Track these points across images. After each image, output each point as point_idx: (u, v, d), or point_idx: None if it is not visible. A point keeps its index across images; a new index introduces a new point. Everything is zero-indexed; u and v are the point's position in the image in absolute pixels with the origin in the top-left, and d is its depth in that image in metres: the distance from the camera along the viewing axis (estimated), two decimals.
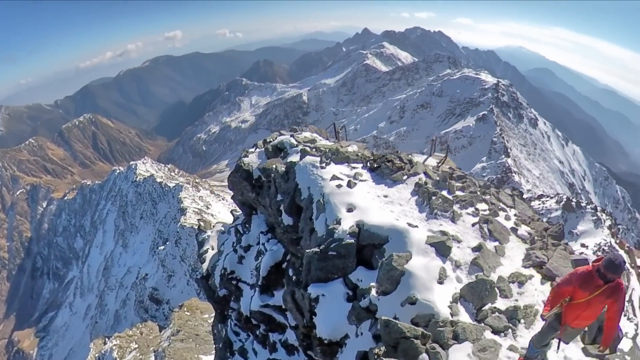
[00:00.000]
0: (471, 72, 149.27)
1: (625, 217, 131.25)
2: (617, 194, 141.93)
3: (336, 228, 8.46)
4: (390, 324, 6.12)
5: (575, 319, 5.40)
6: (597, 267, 5.00)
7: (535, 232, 9.09)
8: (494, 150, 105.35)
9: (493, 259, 7.63)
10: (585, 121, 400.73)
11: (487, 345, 5.82)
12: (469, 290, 6.77)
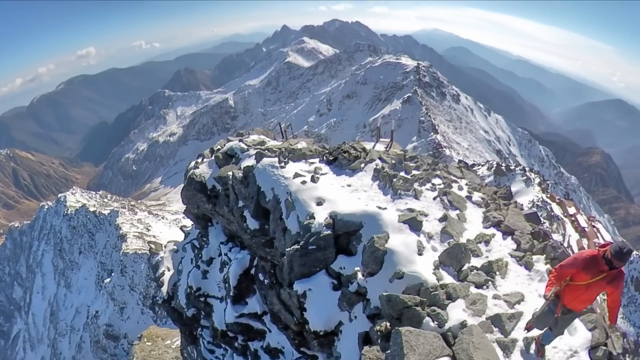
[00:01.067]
0: (392, 57, 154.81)
1: (551, 173, 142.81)
2: (541, 153, 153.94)
3: (311, 223, 8.78)
4: (392, 297, 6.61)
5: (573, 300, 5.51)
6: (603, 253, 5.08)
7: (487, 197, 10.02)
8: (422, 129, 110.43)
9: (458, 225, 8.38)
10: (503, 91, 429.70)
11: (475, 299, 6.53)
12: (447, 256, 7.44)
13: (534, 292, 6.99)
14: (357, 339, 7.36)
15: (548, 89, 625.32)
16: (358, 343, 7.34)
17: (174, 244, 19.77)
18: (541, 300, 6.71)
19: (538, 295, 6.93)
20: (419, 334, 5.73)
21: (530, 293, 6.94)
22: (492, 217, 8.78)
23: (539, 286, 7.10)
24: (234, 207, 12.28)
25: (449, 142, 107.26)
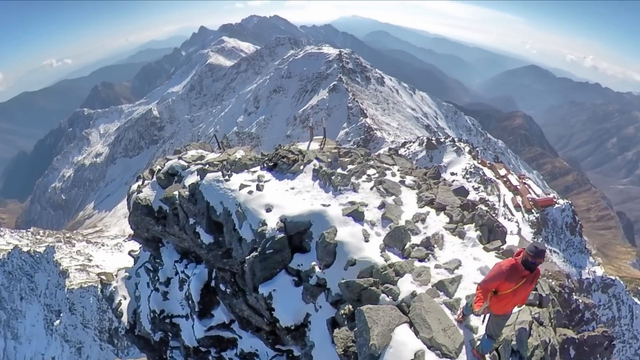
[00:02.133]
0: (313, 48, 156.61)
1: (479, 140, 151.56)
2: (467, 123, 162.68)
3: (264, 229, 9.43)
4: (350, 283, 7.51)
5: (503, 307, 5.87)
6: (522, 259, 5.46)
7: (418, 179, 11.11)
8: (351, 114, 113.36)
9: (396, 209, 9.36)
10: (425, 69, 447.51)
11: (420, 271, 7.54)
12: (390, 239, 8.39)
13: (469, 256, 8.09)
14: (326, 325, 8.14)
15: (467, 63, 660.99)
16: (327, 328, 8.11)
17: (125, 270, 19.11)
18: (476, 262, 7.80)
19: (473, 258, 8.02)
20: (378, 309, 6.64)
21: (466, 258, 8.03)
22: (425, 197, 9.86)
23: (473, 251, 8.22)
24: (185, 225, 12.52)
25: (379, 124, 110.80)
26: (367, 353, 6.24)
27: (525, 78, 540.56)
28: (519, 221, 71.31)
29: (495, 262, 5.87)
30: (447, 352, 6.05)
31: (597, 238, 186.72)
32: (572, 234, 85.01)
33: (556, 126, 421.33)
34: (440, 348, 6.07)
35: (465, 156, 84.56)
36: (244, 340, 11.77)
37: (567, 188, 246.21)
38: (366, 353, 6.29)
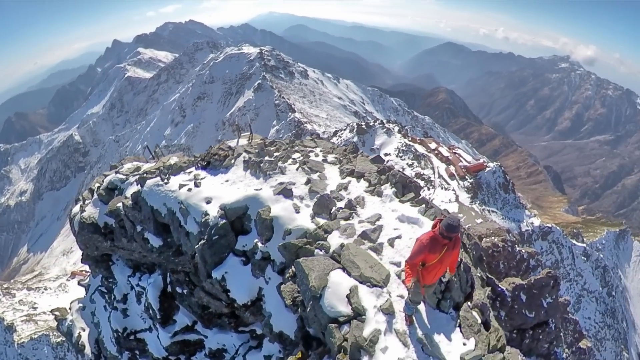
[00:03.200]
0: (233, 49, 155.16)
1: (407, 119, 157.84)
2: (393, 104, 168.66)
3: (208, 219, 10.49)
4: (286, 244, 8.86)
5: (433, 277, 6.38)
6: (438, 231, 5.88)
7: (339, 155, 12.55)
8: (280, 111, 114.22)
9: (321, 183, 10.73)
10: (347, 57, 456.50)
11: (346, 227, 8.94)
12: (318, 207, 9.75)
13: (387, 210, 9.56)
14: (277, 293, 9.26)
15: (386, 47, 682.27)
16: (279, 295, 9.18)
17: (79, 301, 18.87)
18: (394, 213, 9.25)
19: (391, 210, 9.49)
20: (313, 259, 8.01)
21: (385, 211, 9.49)
22: (346, 169, 11.32)
23: (391, 205, 9.73)
24: (133, 233, 13.15)
25: (308, 117, 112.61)
26: (310, 295, 7.52)
27: (443, 55, 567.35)
28: (455, 189, 75.83)
29: (418, 240, 6.21)
30: (376, 283, 7.35)
31: (529, 192, 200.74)
32: (506, 193, 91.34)
33: (477, 96, 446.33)
34: (370, 280, 7.38)
35: (396, 136, 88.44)
36: (210, 339, 12.38)
37: (495, 151, 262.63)
38: (309, 296, 7.56)
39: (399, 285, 7.43)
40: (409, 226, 8.75)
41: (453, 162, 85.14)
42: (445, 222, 5.81)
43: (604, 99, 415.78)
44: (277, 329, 9.30)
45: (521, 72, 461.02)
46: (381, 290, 7.25)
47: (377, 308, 6.92)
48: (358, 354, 6.48)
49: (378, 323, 6.71)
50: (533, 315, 19.31)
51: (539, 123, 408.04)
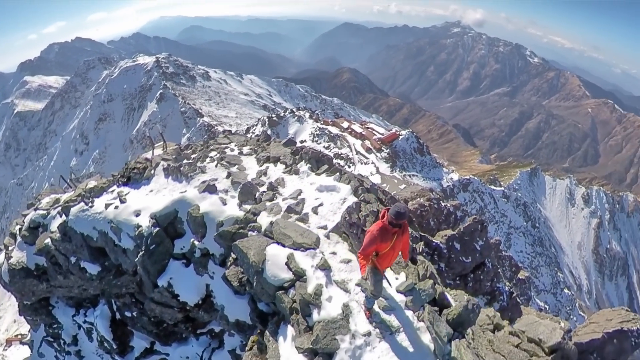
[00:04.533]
0: (128, 62, 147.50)
1: (316, 104, 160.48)
2: (300, 92, 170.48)
3: (141, 230, 10.80)
4: (220, 233, 9.51)
5: (388, 263, 6.67)
6: (387, 220, 6.11)
7: (254, 146, 13.30)
8: (187, 118, 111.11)
9: (241, 174, 11.48)
10: (246, 52, 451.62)
11: (272, 207, 9.82)
12: (242, 195, 10.49)
13: (306, 184, 10.58)
14: (224, 282, 9.78)
15: (284, 36, 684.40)
16: (225, 284, 9.71)
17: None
18: (313, 185, 10.21)
19: (310, 184, 10.51)
20: (248, 239, 8.78)
21: (304, 186, 10.51)
22: (262, 157, 12.13)
23: (308, 179, 10.77)
24: (68, 267, 12.99)
25: (217, 119, 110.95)
26: (253, 271, 8.30)
27: (341, 36, 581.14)
28: (374, 161, 79.17)
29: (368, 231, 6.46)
30: (309, 246, 8.29)
31: (444, 151, 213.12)
32: (422, 156, 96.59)
33: (380, 71, 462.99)
34: (303, 245, 8.31)
35: (308, 122, 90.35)
36: (172, 355, 12.66)
37: (405, 120, 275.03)
38: (252, 272, 8.34)
39: (329, 245, 8.50)
40: (328, 194, 9.84)
41: (367, 137, 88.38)
42: (392, 210, 6.05)
43: (497, 56, 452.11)
44: (233, 318, 9.79)
45: (418, 42, 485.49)
46: (314, 251, 8.23)
47: (315, 267, 7.86)
48: (308, 309, 7.33)
49: (318, 279, 7.65)
50: (470, 260, 21.19)
51: (441, 86, 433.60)
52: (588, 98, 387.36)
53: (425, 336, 6.79)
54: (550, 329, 11.86)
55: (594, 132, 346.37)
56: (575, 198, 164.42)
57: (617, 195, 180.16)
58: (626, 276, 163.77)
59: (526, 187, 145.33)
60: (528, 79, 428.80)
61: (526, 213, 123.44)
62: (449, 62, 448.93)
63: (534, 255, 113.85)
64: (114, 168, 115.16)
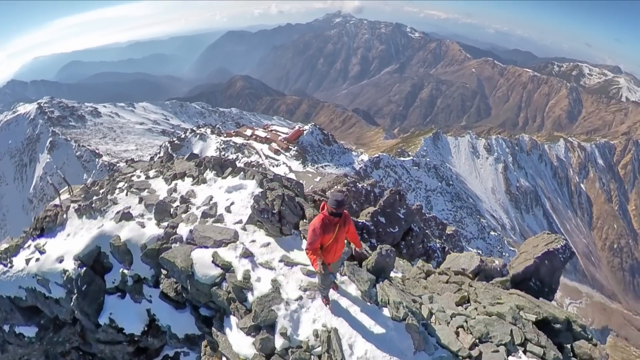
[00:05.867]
0: (7, 114, 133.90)
1: (216, 118, 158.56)
2: (197, 109, 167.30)
3: (69, 274, 10.93)
4: (146, 252, 10.07)
5: (334, 255, 6.88)
6: (328, 212, 6.32)
7: (159, 168, 13.82)
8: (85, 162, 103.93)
9: (152, 196, 12.12)
10: (134, 79, 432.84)
11: (188, 217, 10.64)
12: (158, 214, 11.09)
13: (215, 189, 11.47)
14: (162, 300, 10.25)
15: (170, 55, 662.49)
16: (166, 302, 10.17)
17: None
18: (222, 188, 11.04)
19: (219, 188, 11.37)
20: (172, 250, 9.49)
21: (214, 191, 11.41)
22: (169, 176, 12.74)
23: (216, 185, 11.66)
24: (3, 337, 12.77)
25: (117, 156, 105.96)
26: (184, 277, 9.04)
27: (227, 46, 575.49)
28: (285, 161, 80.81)
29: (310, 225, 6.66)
30: (229, 241, 9.22)
31: (350, 137, 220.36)
32: (329, 145, 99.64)
33: (272, 72, 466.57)
34: (223, 242, 9.22)
35: (211, 138, 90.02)
36: None
37: (306, 115, 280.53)
38: (184, 277, 9.07)
39: (247, 235, 9.49)
40: (236, 192, 10.87)
41: (273, 139, 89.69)
42: (331, 200, 6.23)
43: (381, 37, 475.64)
44: (182, 334, 10.21)
45: (303, 38, 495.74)
46: (235, 244, 9.19)
47: (239, 256, 8.82)
48: (242, 294, 8.22)
49: (244, 266, 8.60)
50: (397, 229, 22.91)
51: (334, 76, 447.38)
52: (470, 60, 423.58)
53: (351, 287, 7.89)
54: (469, 258, 13.81)
55: (482, 88, 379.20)
56: (478, 150, 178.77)
57: (514, 138, 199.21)
58: (540, 205, 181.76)
59: (432, 151, 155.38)
60: (413, 54, 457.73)
61: (438, 174, 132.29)
62: (337, 51, 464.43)
63: (455, 210, 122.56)
64: (16, 233, 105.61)
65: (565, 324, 7.66)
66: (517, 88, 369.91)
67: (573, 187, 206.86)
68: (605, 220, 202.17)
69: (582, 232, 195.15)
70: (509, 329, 7.17)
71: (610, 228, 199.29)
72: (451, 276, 11.58)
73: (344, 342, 6.79)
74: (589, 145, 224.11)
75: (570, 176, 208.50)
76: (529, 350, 6.96)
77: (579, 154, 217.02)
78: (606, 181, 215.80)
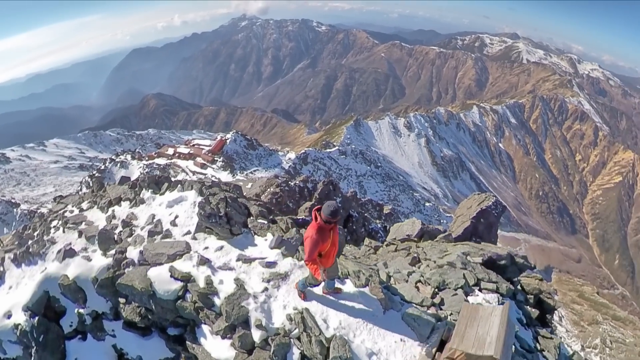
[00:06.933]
0: None
1: (134, 142, 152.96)
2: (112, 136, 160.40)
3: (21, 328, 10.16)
4: (99, 282, 9.70)
5: (331, 259, 7.02)
6: (323, 220, 6.46)
7: (91, 198, 13.31)
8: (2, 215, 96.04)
9: (92, 227, 11.53)
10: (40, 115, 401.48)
11: (134, 240, 10.37)
12: (102, 244, 10.69)
13: (156, 206, 11.37)
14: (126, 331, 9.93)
15: (74, 83, 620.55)
16: (130, 332, 9.87)
17: None
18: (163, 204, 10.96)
19: (159, 204, 11.30)
20: (127, 274, 9.29)
21: (155, 210, 11.29)
22: (103, 204, 12.35)
23: (155, 202, 11.54)
24: None
25: (37, 201, 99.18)
26: (146, 297, 8.92)
27: (134, 65, 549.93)
28: (213, 174, 79.64)
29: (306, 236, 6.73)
30: (182, 252, 9.23)
31: (274, 138, 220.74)
32: (254, 150, 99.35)
33: (185, 86, 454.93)
34: (176, 255, 9.22)
35: (133, 164, 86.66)
36: None
37: (226, 123, 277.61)
38: (146, 298, 8.95)
39: (199, 243, 9.55)
40: (178, 205, 10.84)
41: (197, 154, 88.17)
42: (327, 211, 6.37)
43: (289, 35, 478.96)
44: None
45: (211, 46, 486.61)
46: (189, 254, 9.22)
47: (196, 265, 8.87)
48: (208, 300, 8.30)
49: (204, 272, 8.68)
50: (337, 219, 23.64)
51: (248, 80, 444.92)
52: (378, 45, 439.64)
53: (307, 269, 8.18)
54: (411, 224, 14.72)
55: (393, 71, 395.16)
56: (399, 129, 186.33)
57: (431, 112, 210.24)
58: (466, 170, 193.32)
59: (356, 138, 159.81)
60: (323, 47, 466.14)
61: (366, 159, 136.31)
62: (247, 55, 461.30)
63: (389, 190, 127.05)
64: None
65: (508, 258, 8.56)
66: (427, 66, 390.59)
67: (493, 148, 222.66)
68: (527, 172, 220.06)
69: (509, 186, 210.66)
70: (461, 273, 7.92)
71: (533, 178, 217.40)
72: (398, 244, 12.36)
73: (317, 318, 7.18)
74: (500, 108, 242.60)
75: (488, 138, 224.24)
76: (484, 287, 7.76)
77: (493, 117, 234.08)
78: (521, 137, 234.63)
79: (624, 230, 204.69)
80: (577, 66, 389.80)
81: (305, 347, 7.03)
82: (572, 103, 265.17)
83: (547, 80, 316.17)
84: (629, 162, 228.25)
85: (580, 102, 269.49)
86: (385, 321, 7.23)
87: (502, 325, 5.59)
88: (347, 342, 6.85)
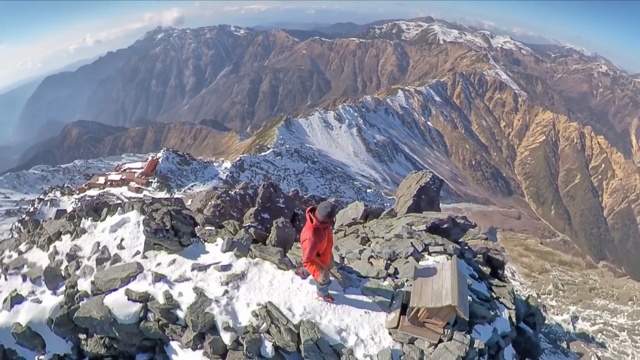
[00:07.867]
0: None
1: (61, 177, 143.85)
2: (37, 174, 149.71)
3: None
4: (56, 321, 9.31)
5: (328, 257, 7.32)
6: (319, 221, 6.56)
7: (28, 239, 12.65)
8: None
9: (35, 269, 11.11)
10: None
11: (83, 270, 10.10)
12: (50, 282, 10.24)
13: (98, 233, 11.08)
14: None
15: None
16: None
17: None
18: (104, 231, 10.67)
19: (101, 231, 11.03)
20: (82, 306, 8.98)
21: (99, 237, 10.99)
22: (43, 242, 11.79)
23: (97, 229, 11.24)
24: None
25: None
26: (107, 326, 8.64)
27: (49, 93, 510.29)
28: (150, 195, 77.11)
29: (304, 238, 6.84)
30: (134, 274, 9.04)
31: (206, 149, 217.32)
32: (188, 165, 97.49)
33: (106, 109, 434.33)
34: (129, 276, 9.02)
35: (63, 200, 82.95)
36: None
37: (155, 142, 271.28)
38: (107, 327, 8.66)
39: (151, 261, 9.46)
40: (122, 228, 10.67)
41: (130, 179, 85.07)
42: (323, 212, 6.49)
43: (208, 43, 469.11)
44: None
45: (129, 63, 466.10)
46: (143, 274, 9.10)
47: (151, 283, 8.77)
48: (172, 314, 8.25)
49: (161, 288, 8.60)
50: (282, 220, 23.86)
51: (171, 94, 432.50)
52: (298, 43, 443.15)
53: (265, 264, 8.63)
54: (355, 208, 15.28)
55: (316, 66, 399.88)
56: (330, 122, 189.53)
57: (358, 102, 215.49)
58: (400, 152, 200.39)
59: (289, 137, 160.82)
60: (243, 51, 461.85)
61: (301, 156, 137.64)
62: (167, 68, 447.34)
63: (329, 183, 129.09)
64: None
65: (450, 221, 9.25)
66: (348, 57, 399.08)
67: (422, 127, 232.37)
68: (457, 145, 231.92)
69: (443, 161, 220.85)
70: (409, 242, 8.48)
71: (464, 150, 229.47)
72: (346, 229, 12.87)
73: (282, 308, 7.42)
74: (424, 89, 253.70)
75: (417, 119, 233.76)
76: (432, 251, 8.37)
77: (418, 98, 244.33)
78: (447, 113, 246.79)
79: (555, 183, 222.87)
80: (491, 41, 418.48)
81: (277, 338, 7.24)
82: (490, 75, 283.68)
83: (464, 57, 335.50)
84: (549, 122, 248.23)
85: (497, 74, 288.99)
86: (347, 298, 7.63)
87: (454, 276, 6.14)
88: (315, 324, 7.16)
